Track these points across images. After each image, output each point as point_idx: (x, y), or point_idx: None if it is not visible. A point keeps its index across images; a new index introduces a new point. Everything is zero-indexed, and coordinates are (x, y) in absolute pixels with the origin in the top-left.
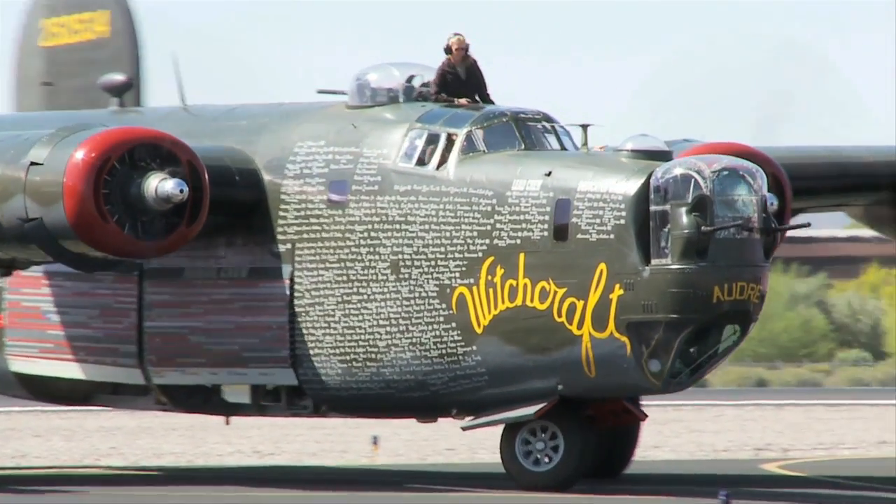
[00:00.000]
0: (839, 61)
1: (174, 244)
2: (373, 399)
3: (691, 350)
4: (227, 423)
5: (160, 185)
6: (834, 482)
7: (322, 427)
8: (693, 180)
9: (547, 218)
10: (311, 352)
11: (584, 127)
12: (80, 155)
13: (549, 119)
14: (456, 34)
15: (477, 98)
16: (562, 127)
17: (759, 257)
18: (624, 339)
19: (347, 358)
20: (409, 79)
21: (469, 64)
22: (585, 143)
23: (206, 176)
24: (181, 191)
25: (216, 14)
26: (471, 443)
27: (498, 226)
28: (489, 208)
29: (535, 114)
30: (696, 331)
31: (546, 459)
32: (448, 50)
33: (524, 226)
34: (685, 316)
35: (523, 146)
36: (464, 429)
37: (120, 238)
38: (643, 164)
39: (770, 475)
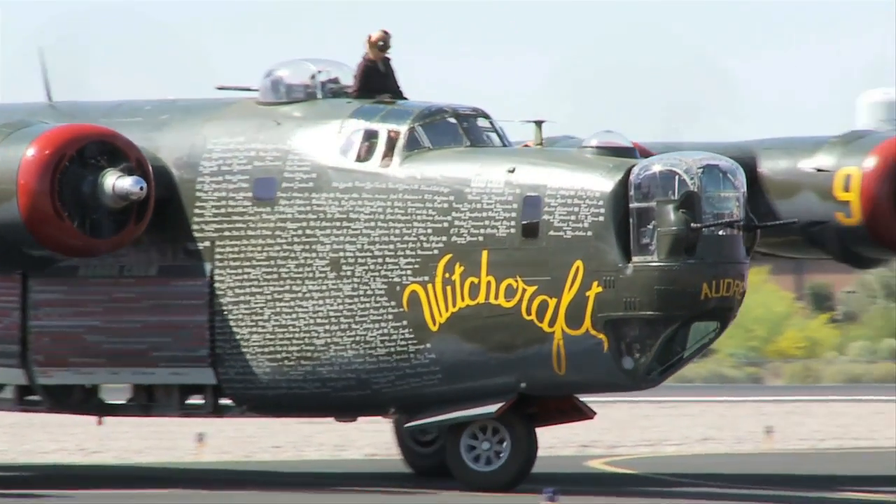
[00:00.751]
0: (744, 73)
1: (123, 242)
2: (305, 398)
3: (671, 347)
4: (100, 423)
5: (118, 182)
6: (660, 479)
7: (149, 425)
8: (677, 177)
9: (514, 215)
10: (235, 351)
11: (538, 123)
12: (33, 152)
13: (485, 115)
14: (381, 29)
15: (397, 95)
16: (496, 123)
17: (742, 254)
18: (601, 336)
19: (278, 357)
20: (313, 75)
21: (387, 60)
22: (540, 140)
23: (151, 173)
24: (141, 188)
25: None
26: (297, 441)
27: (457, 223)
28: (445, 205)
29: (473, 110)
30: (679, 328)
31: (492, 459)
32: (374, 45)
33: (487, 223)
34: (672, 313)
35: (468, 143)
36: (407, 427)
37: (75, 237)
38: (617, 161)
39: (595, 472)
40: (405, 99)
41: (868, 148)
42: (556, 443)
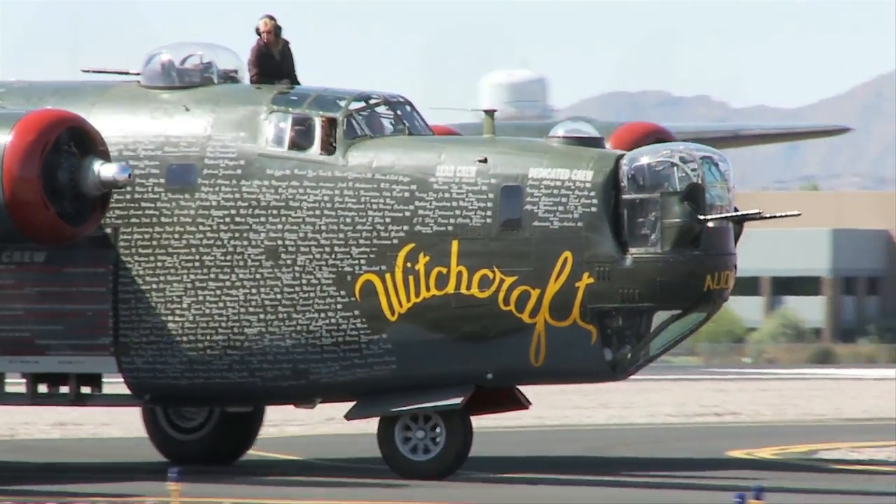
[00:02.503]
0: None
1: (90, 229)
2: (227, 388)
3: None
4: None
5: (103, 169)
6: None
7: None
8: (676, 168)
9: (490, 205)
10: (145, 339)
11: (490, 113)
12: (18, 139)
13: (410, 103)
14: (267, 15)
15: (293, 80)
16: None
17: (733, 245)
18: (590, 327)
19: (200, 346)
20: (183, 60)
21: (282, 45)
22: (493, 130)
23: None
24: (129, 175)
25: None
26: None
27: (420, 212)
28: (406, 194)
29: (401, 97)
30: (674, 319)
31: (429, 448)
32: (265, 33)
33: (458, 213)
34: (673, 305)
35: (407, 132)
36: (348, 418)
37: (56, 225)
38: (600, 152)
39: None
40: (299, 84)
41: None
42: None
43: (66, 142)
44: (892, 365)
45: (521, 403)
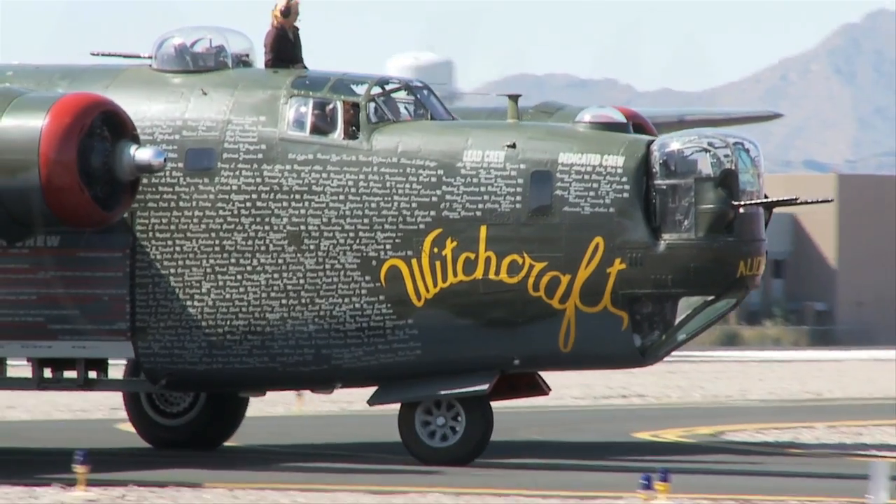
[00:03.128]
0: None
1: (122, 213)
2: (247, 372)
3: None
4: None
5: (138, 153)
6: None
7: None
8: (708, 154)
9: (519, 190)
10: (162, 324)
11: (514, 98)
12: (54, 122)
13: (430, 88)
14: None
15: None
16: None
17: (764, 231)
18: (621, 313)
19: (220, 330)
20: (193, 43)
21: (295, 28)
22: (517, 115)
23: None
24: (164, 160)
25: None
26: None
27: (448, 197)
28: (433, 179)
29: (420, 82)
30: (704, 305)
31: (448, 435)
32: (286, 13)
33: (486, 198)
34: (707, 290)
35: (430, 117)
36: (370, 403)
37: (91, 210)
38: (630, 137)
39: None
40: (307, 68)
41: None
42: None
43: (100, 125)
44: (797, 347)
45: (542, 389)
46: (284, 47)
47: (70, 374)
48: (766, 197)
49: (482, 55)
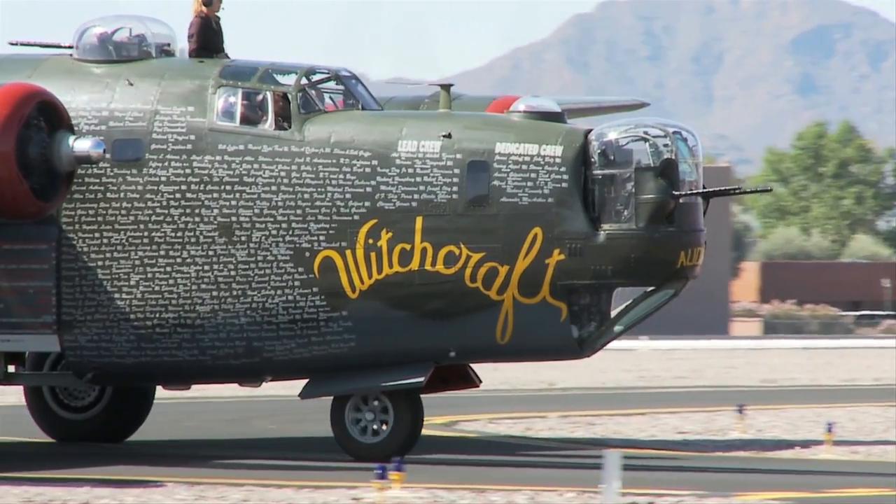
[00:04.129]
0: None
1: (58, 205)
2: (176, 365)
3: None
4: None
5: (77, 143)
6: None
7: None
8: (648, 143)
9: (456, 181)
10: (89, 317)
11: (447, 87)
12: None
13: (357, 78)
14: None
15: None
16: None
17: (702, 222)
18: (560, 304)
19: (149, 323)
20: (113, 32)
21: (218, 18)
22: (449, 104)
23: None
24: (103, 150)
25: None
26: None
27: (382, 188)
28: (367, 170)
29: (348, 72)
30: (644, 297)
31: (375, 429)
32: (210, 2)
33: (422, 188)
34: (646, 281)
35: (359, 106)
36: (301, 397)
37: (29, 201)
38: (567, 127)
39: None
40: (229, 58)
41: None
42: None
43: (37, 116)
44: None
45: (473, 382)
46: (209, 37)
47: None
48: (704, 187)
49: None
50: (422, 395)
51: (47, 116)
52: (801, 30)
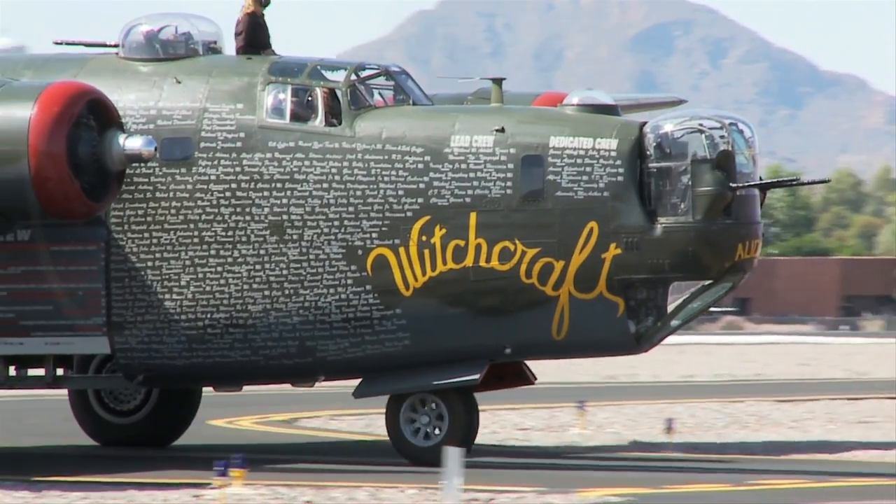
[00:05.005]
0: None
1: (109, 204)
2: (228, 366)
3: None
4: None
5: (128, 142)
6: None
7: None
8: (704, 135)
9: (510, 175)
10: (139, 318)
11: (498, 81)
12: (42, 112)
13: (406, 72)
14: None
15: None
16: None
17: (759, 214)
18: (617, 299)
19: (200, 324)
20: (159, 30)
21: (263, 14)
22: (501, 98)
23: None
24: (155, 148)
25: None
26: None
27: (435, 184)
28: (420, 165)
29: (398, 67)
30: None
31: (432, 433)
32: (265, 1)
33: (475, 184)
34: (705, 275)
35: (410, 102)
36: (356, 396)
37: (81, 201)
38: (621, 120)
39: None
40: (277, 54)
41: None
42: None
43: (87, 114)
44: None
45: (528, 379)
46: (257, 33)
47: (37, 371)
48: (761, 178)
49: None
50: (476, 393)
51: (97, 115)
52: (641, 27)
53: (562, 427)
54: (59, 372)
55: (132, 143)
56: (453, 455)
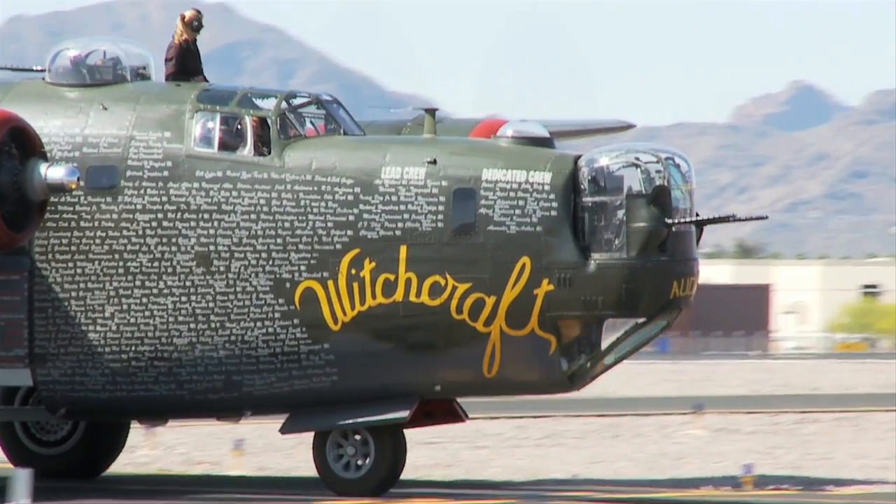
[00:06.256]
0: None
1: (31, 234)
2: (153, 400)
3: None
4: None
5: (50, 171)
6: None
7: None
8: (640, 169)
9: (441, 209)
10: (63, 350)
11: (432, 112)
12: None
13: (339, 102)
14: (195, 8)
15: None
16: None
17: (695, 250)
18: (549, 336)
19: (125, 356)
20: (87, 55)
21: (195, 40)
22: (434, 129)
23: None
24: (78, 178)
25: None
26: None
27: (365, 216)
28: (350, 197)
29: (329, 96)
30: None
31: (357, 465)
32: (188, 24)
33: (406, 216)
34: (639, 312)
35: (341, 132)
36: (282, 432)
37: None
38: (556, 153)
39: None
40: (208, 81)
41: None
42: None
43: (8, 142)
44: None
45: (459, 416)
46: (188, 60)
47: None
48: (697, 215)
49: None
50: (406, 430)
51: (19, 143)
52: (210, 48)
53: (131, 447)
54: None
55: (54, 173)
56: (21, 477)
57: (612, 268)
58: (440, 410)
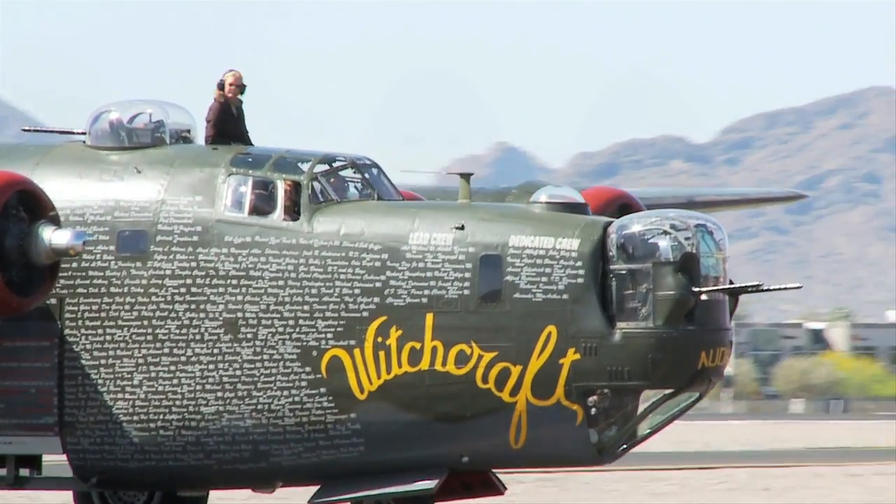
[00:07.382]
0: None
1: (39, 300)
2: (182, 470)
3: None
4: None
5: (55, 236)
6: None
7: None
8: (668, 237)
9: (468, 276)
10: (92, 419)
11: (466, 176)
12: None
13: (377, 165)
14: (232, 70)
15: (247, 140)
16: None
17: (728, 320)
18: (575, 407)
19: (153, 426)
20: (132, 118)
21: (239, 103)
22: (468, 194)
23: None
24: (83, 243)
25: None
26: None
27: (392, 283)
28: (377, 264)
29: (367, 159)
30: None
31: None
32: (222, 86)
33: (433, 283)
34: (665, 384)
35: (376, 196)
36: (312, 502)
37: (6, 296)
38: (587, 219)
39: None
40: (252, 144)
41: None
42: None
43: (15, 205)
44: None
45: (497, 489)
46: (227, 122)
47: (1, 471)
48: (730, 282)
49: None
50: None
51: (28, 206)
52: None
53: None
54: (25, 472)
55: (59, 238)
56: None
57: (637, 337)
58: (477, 482)
